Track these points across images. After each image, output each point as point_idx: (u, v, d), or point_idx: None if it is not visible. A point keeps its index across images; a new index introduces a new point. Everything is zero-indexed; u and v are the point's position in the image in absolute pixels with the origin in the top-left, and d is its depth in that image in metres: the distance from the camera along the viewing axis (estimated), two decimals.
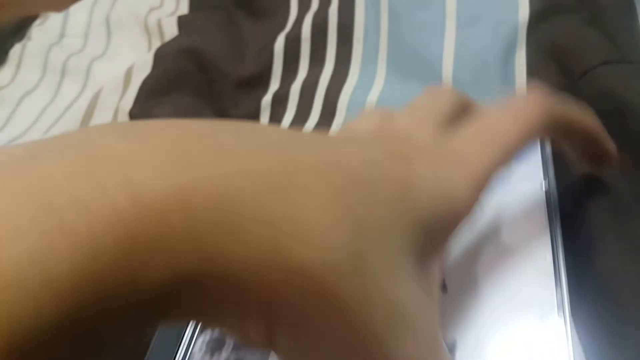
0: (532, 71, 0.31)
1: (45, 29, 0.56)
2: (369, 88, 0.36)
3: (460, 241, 0.22)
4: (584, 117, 0.21)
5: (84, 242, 0.09)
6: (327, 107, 0.36)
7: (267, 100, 0.39)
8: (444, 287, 0.20)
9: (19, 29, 0.58)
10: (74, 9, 0.58)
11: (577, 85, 0.29)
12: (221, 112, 0.40)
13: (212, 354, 0.21)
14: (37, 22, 0.59)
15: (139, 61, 0.44)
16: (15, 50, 0.54)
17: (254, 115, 0.39)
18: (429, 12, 0.38)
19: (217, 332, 0.22)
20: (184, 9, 0.51)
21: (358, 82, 0.37)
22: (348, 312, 0.12)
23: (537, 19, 0.33)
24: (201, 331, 0.22)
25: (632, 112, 0.25)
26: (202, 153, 0.11)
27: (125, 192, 0.10)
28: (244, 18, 0.46)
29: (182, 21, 0.47)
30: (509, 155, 0.17)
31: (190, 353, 0.21)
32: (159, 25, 0.48)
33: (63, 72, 0.50)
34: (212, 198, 0.11)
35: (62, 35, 0.55)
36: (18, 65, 0.53)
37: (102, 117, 0.42)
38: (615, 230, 0.23)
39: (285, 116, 0.38)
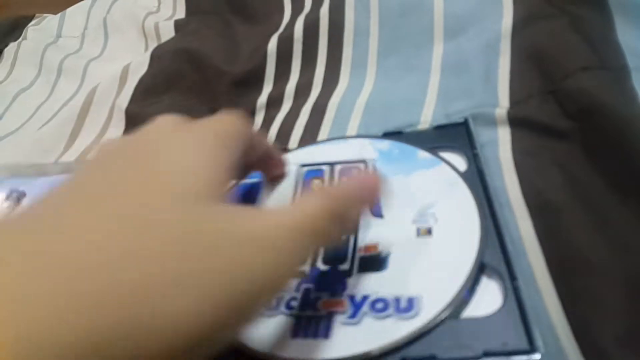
0: (515, 75, 0.33)
1: (41, 29, 0.57)
2: (359, 90, 0.38)
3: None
4: None
5: None
6: (318, 108, 0.38)
7: (262, 101, 0.40)
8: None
9: (14, 29, 0.59)
10: (70, 11, 0.59)
11: (558, 89, 0.30)
12: (216, 112, 0.41)
13: None
14: (33, 22, 0.60)
15: (136, 60, 0.44)
16: (10, 49, 0.55)
17: (249, 116, 0.40)
18: (417, 20, 0.39)
19: None
20: (180, 14, 0.52)
21: (348, 84, 0.39)
22: None
23: (520, 27, 0.34)
24: None
25: (608, 114, 0.27)
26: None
27: None
28: (239, 22, 0.47)
29: (178, 25, 0.48)
30: None
31: None
32: (156, 28, 0.49)
33: (59, 71, 0.50)
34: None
35: (58, 35, 0.56)
36: (13, 64, 0.53)
37: (97, 114, 0.42)
38: (580, 206, 0.25)
39: (277, 116, 0.39)
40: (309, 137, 0.35)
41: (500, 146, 0.30)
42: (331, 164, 0.30)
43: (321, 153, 0.32)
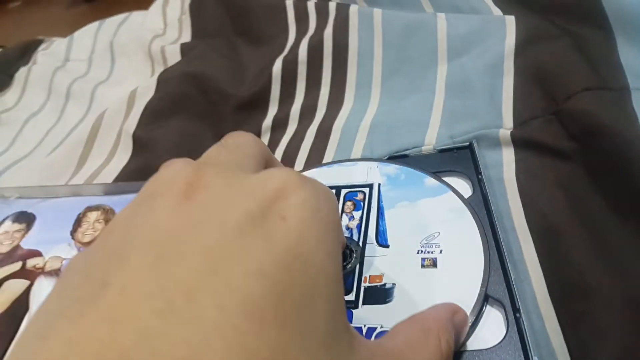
0: (518, 96, 0.33)
1: (50, 54, 0.58)
2: (364, 111, 0.38)
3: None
4: None
5: None
6: (323, 130, 0.38)
7: (267, 124, 0.41)
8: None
9: (24, 53, 0.60)
10: (78, 34, 0.60)
11: (561, 110, 0.30)
12: (222, 135, 0.41)
13: None
14: (42, 46, 0.61)
15: (143, 84, 0.45)
16: (20, 74, 0.56)
17: None
18: (421, 41, 0.39)
19: None
20: (186, 37, 0.53)
21: (353, 106, 0.39)
22: None
23: (523, 47, 0.35)
24: None
25: (609, 136, 0.27)
26: None
27: None
28: (245, 45, 0.48)
29: (184, 48, 0.49)
30: None
31: None
32: (162, 52, 0.50)
33: (67, 95, 0.51)
34: None
35: (66, 59, 0.57)
36: (23, 88, 0.54)
37: (105, 138, 0.43)
38: (581, 229, 0.25)
39: (282, 138, 0.39)
40: (314, 159, 0.36)
41: (504, 168, 0.30)
42: (337, 188, 0.30)
43: (328, 176, 0.32)
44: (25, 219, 0.35)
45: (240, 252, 0.11)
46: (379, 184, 0.30)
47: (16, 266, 0.32)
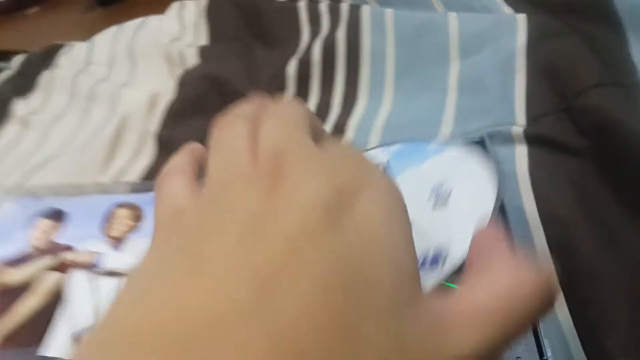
0: (530, 93, 0.34)
1: (72, 57, 0.60)
2: (377, 111, 0.39)
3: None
4: None
5: None
6: (337, 129, 0.39)
7: None
8: None
9: (46, 57, 0.61)
10: (98, 38, 0.62)
11: (572, 106, 0.31)
12: None
13: None
14: (64, 50, 0.62)
15: (164, 87, 0.47)
16: (43, 78, 0.58)
17: None
18: (433, 40, 0.40)
19: None
20: (204, 40, 0.54)
21: (367, 105, 0.40)
22: None
23: (534, 44, 0.35)
24: None
25: (620, 132, 0.28)
26: None
27: None
28: (260, 47, 0.49)
29: (202, 51, 0.51)
30: None
31: None
32: (181, 54, 0.51)
33: (90, 98, 0.53)
34: None
35: (88, 62, 0.59)
36: (47, 92, 0.56)
37: (129, 139, 0.45)
38: (591, 223, 0.26)
39: None
40: None
41: (517, 163, 0.31)
42: None
43: None
44: (57, 216, 0.37)
45: (317, 238, 0.12)
46: (387, 160, 0.30)
47: (51, 260, 0.33)
